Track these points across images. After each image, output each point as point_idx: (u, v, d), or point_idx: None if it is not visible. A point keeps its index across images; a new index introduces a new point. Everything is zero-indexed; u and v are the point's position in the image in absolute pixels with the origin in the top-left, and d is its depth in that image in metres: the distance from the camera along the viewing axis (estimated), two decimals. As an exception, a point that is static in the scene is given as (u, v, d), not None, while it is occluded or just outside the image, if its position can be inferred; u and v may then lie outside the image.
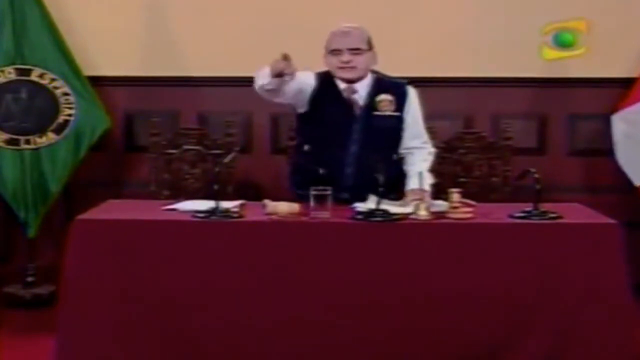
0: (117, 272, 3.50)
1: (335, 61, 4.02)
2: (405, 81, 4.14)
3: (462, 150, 4.64)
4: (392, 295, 3.49)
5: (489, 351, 3.52)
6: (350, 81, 4.04)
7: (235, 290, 3.51)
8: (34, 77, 4.86)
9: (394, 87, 4.09)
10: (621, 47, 4.76)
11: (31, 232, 4.93)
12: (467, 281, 3.49)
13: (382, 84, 4.08)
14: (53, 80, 4.87)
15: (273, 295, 3.51)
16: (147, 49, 5.15)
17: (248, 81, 5.07)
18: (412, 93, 4.12)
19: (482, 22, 5.07)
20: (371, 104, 4.05)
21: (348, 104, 4.06)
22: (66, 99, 4.88)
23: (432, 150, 4.15)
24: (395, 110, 4.06)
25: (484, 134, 4.75)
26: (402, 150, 4.10)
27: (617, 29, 4.64)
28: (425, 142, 4.14)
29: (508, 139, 4.65)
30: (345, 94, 4.04)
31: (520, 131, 4.90)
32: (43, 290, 4.89)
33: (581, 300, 3.50)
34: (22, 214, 4.90)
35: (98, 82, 5.05)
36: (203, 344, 3.53)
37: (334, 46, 4.02)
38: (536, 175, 3.62)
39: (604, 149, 4.99)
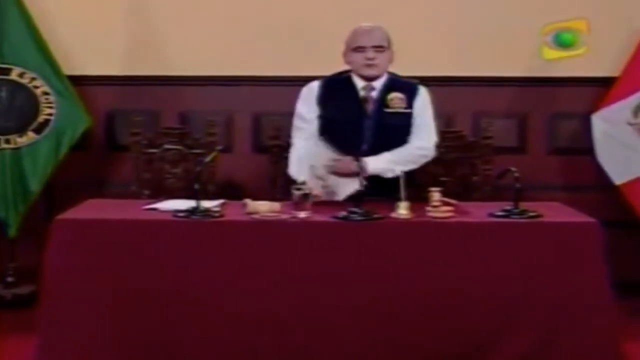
0: (97, 271, 3.50)
1: (359, 58, 4.08)
2: (418, 81, 4.23)
3: (442, 149, 4.63)
4: (372, 294, 3.50)
5: (470, 350, 3.53)
6: (370, 79, 4.11)
7: (215, 289, 3.51)
8: (13, 76, 4.83)
9: (406, 86, 4.17)
10: (601, 47, 4.78)
11: (11, 232, 4.90)
12: (447, 280, 3.50)
13: (395, 83, 4.17)
14: (33, 79, 4.85)
15: (254, 294, 3.51)
16: (128, 48, 5.13)
17: (230, 80, 5.11)
18: (423, 92, 4.20)
19: (463, 21, 5.08)
20: (383, 102, 4.10)
21: (360, 102, 4.11)
22: (46, 98, 4.86)
23: (426, 145, 4.16)
24: (406, 108, 4.12)
25: (464, 133, 4.76)
26: None
27: (597, 29, 4.64)
28: (419, 137, 4.16)
29: (489, 138, 4.66)
30: (362, 93, 4.11)
31: (501, 130, 4.92)
32: (23, 290, 4.86)
33: (561, 299, 3.51)
34: (2, 214, 4.87)
35: (79, 81, 5.03)
36: (184, 343, 3.53)
37: (359, 43, 4.09)
38: (516, 174, 3.64)
39: (584, 148, 5.00)
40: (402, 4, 5.08)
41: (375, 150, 4.05)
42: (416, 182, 4.04)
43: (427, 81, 4.62)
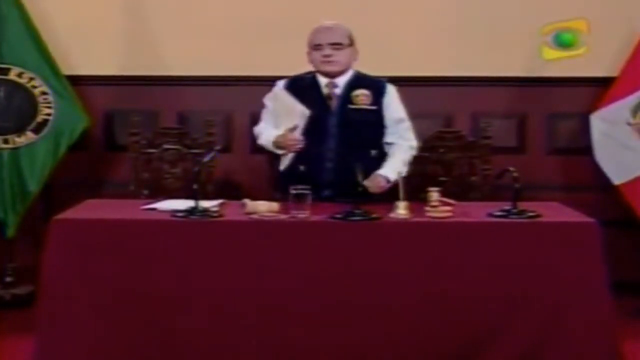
0: (95, 272, 3.50)
1: (317, 56, 4.14)
2: (385, 79, 4.22)
3: (441, 150, 4.65)
4: (370, 294, 3.50)
5: (468, 350, 3.54)
6: (332, 75, 4.15)
7: (214, 290, 3.51)
8: (12, 76, 4.83)
9: (373, 83, 4.19)
10: (599, 47, 4.78)
11: (10, 232, 4.89)
12: (446, 280, 3.50)
13: (360, 80, 4.19)
14: (31, 79, 4.84)
15: (252, 294, 3.51)
16: (126, 48, 5.13)
17: (228, 80, 5.11)
18: (391, 89, 4.21)
19: (462, 21, 5.08)
20: (347, 98, 4.13)
21: (325, 99, 4.14)
22: (45, 98, 4.86)
23: (414, 144, 4.21)
24: (372, 105, 4.12)
25: (463, 133, 4.76)
26: (384, 146, 4.16)
27: (597, 29, 4.65)
28: (406, 139, 4.19)
29: (487, 137, 4.66)
30: (325, 91, 4.15)
31: (499, 130, 4.92)
32: (22, 290, 4.86)
33: (560, 298, 3.51)
34: (0, 214, 4.87)
35: (77, 81, 5.03)
36: (183, 343, 3.53)
37: (316, 41, 4.15)
38: (515, 174, 3.64)
39: (583, 148, 5.01)
40: (401, 5, 5.07)
41: (342, 145, 4.07)
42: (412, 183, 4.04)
43: (426, 81, 4.65)
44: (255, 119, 5.10)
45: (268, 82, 4.91)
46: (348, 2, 4.96)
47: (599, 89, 4.99)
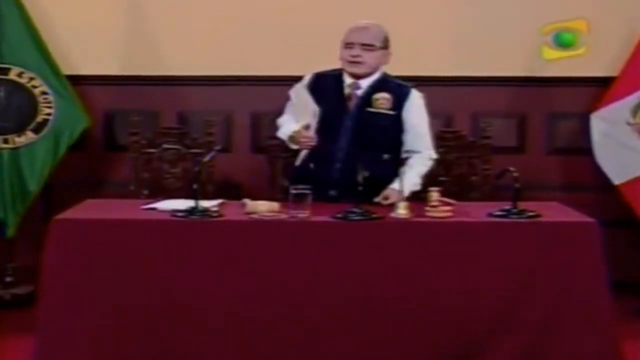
0: (95, 272, 3.50)
1: (346, 54, 4.09)
2: (411, 84, 4.19)
3: (442, 149, 4.63)
4: (370, 294, 3.50)
5: (469, 349, 3.54)
6: (357, 76, 4.11)
7: (214, 290, 3.51)
8: (12, 76, 4.83)
9: (397, 88, 4.14)
10: (599, 47, 4.79)
11: (10, 232, 4.89)
12: (446, 280, 3.50)
13: (385, 83, 4.14)
14: (32, 79, 4.84)
15: (252, 294, 3.51)
16: (126, 48, 5.13)
17: (228, 80, 5.11)
18: (415, 96, 4.15)
19: (462, 21, 5.08)
20: (367, 101, 4.09)
21: (344, 99, 4.11)
22: (45, 98, 4.86)
23: (433, 155, 4.18)
24: (391, 110, 4.09)
25: (463, 133, 4.76)
26: (403, 154, 4.13)
27: (597, 29, 4.66)
28: (426, 148, 4.16)
29: (488, 137, 4.66)
30: (347, 91, 4.11)
31: (499, 130, 4.92)
32: (22, 290, 4.86)
33: (560, 298, 3.52)
34: (0, 214, 4.87)
35: (77, 81, 5.03)
36: (183, 343, 3.52)
37: (348, 40, 4.10)
38: (515, 174, 3.64)
39: (583, 148, 5.01)
40: (401, 4, 5.07)
41: (354, 146, 4.05)
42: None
43: (426, 81, 4.64)
44: (255, 119, 5.14)
45: (268, 82, 4.94)
46: (348, 3, 4.95)
47: (599, 89, 4.99)
